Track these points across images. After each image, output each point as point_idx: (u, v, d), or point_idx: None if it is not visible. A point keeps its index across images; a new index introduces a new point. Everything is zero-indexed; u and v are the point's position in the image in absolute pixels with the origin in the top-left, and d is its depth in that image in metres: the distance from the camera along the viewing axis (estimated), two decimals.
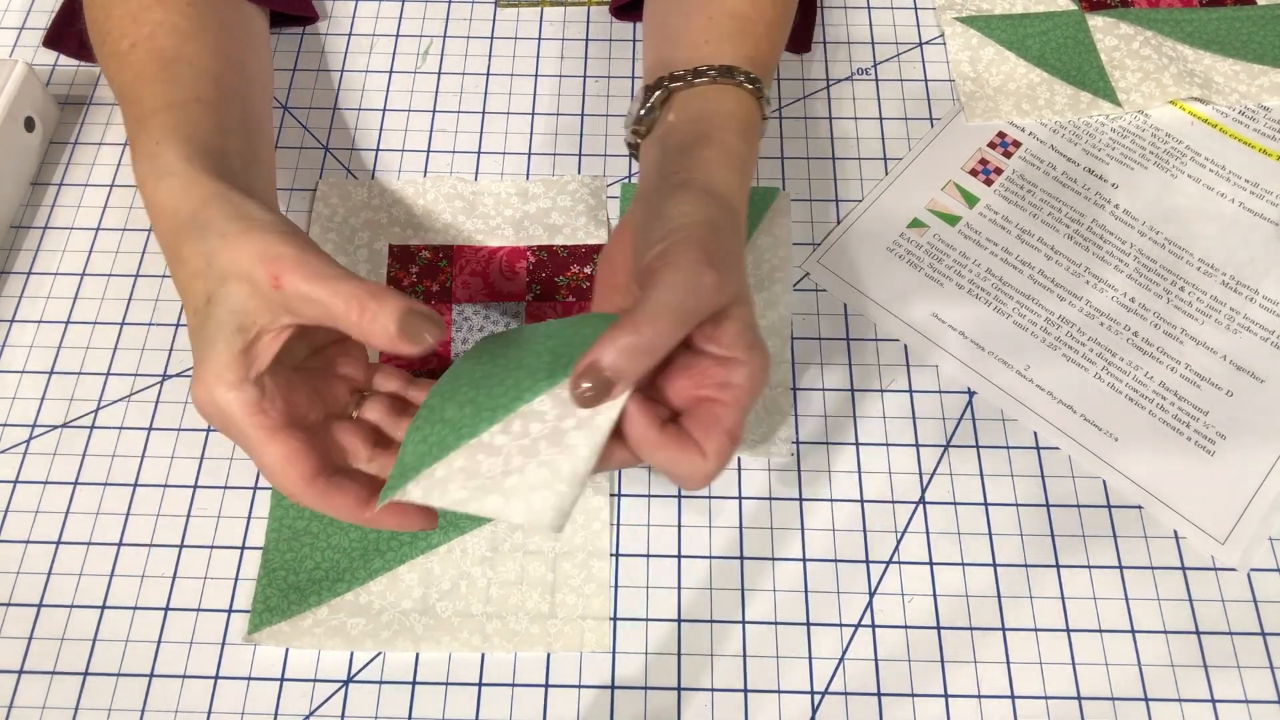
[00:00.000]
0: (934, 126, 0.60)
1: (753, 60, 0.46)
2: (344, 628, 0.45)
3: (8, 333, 0.53)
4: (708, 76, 0.44)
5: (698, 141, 0.43)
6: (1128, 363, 0.52)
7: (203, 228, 0.39)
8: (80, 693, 0.44)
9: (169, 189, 0.41)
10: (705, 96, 0.45)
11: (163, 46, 0.46)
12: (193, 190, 0.41)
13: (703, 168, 0.42)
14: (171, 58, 0.45)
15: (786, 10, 0.51)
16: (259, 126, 0.48)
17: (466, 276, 0.54)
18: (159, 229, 0.41)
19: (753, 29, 0.48)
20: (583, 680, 0.45)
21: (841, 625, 0.46)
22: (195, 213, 0.40)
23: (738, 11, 0.48)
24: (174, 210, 0.40)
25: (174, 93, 0.44)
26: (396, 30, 0.64)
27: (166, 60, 0.45)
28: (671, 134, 0.44)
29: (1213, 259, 0.55)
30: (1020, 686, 0.44)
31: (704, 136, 0.43)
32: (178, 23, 0.47)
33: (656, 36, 0.51)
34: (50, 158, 0.59)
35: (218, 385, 0.38)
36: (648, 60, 0.51)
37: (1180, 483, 0.49)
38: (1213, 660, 0.45)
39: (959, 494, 0.49)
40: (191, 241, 0.39)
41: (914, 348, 0.53)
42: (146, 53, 0.45)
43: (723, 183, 0.41)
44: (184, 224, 0.40)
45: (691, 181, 0.40)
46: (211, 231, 0.39)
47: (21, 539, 0.48)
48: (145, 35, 0.46)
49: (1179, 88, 0.59)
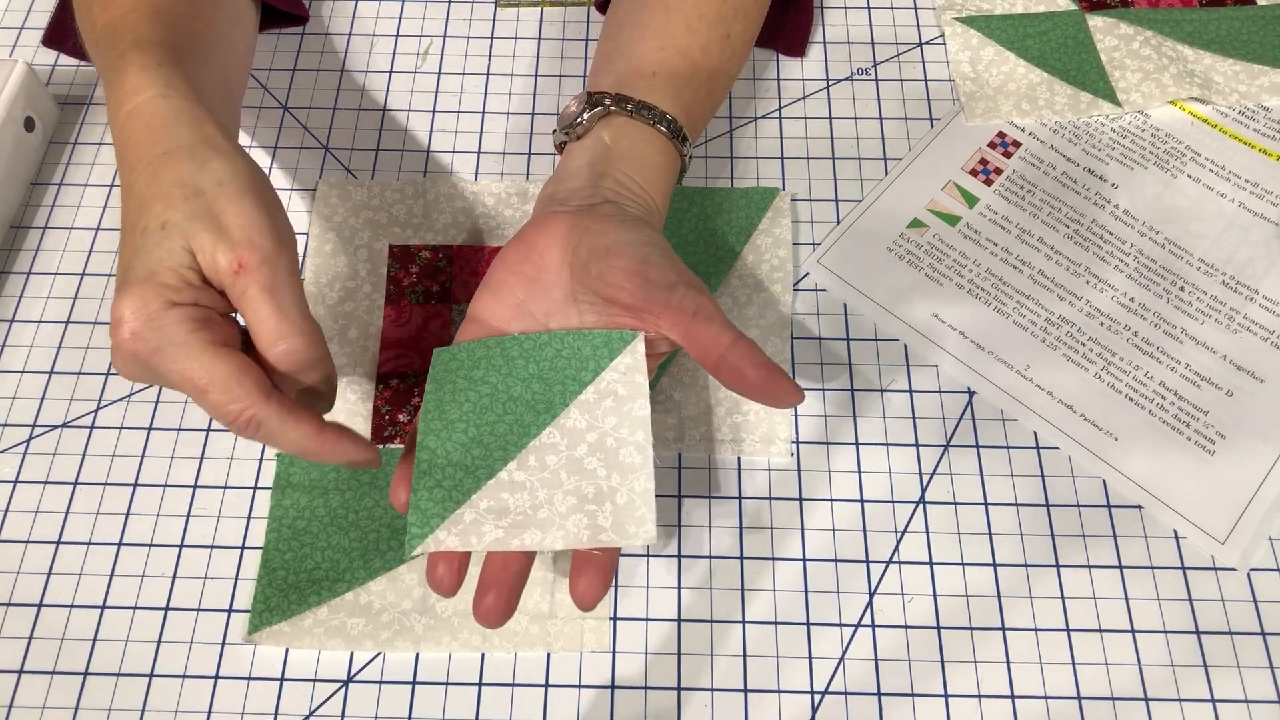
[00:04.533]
0: (934, 126, 0.60)
1: (689, 111, 0.48)
2: (344, 628, 0.45)
3: (8, 333, 0.53)
4: (645, 117, 0.46)
5: (639, 178, 0.46)
6: (1128, 363, 0.52)
7: (201, 163, 0.38)
8: (80, 693, 0.44)
9: (169, 106, 0.39)
10: (641, 135, 0.47)
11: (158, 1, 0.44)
12: (200, 123, 0.39)
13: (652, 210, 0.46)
14: (165, 8, 0.44)
15: (734, 58, 0.52)
16: (235, 111, 0.48)
17: (466, 276, 0.54)
18: (133, 138, 0.39)
19: (696, 76, 0.49)
20: (583, 680, 0.45)
21: (841, 625, 0.46)
22: (194, 145, 0.38)
23: (688, 53, 0.49)
24: (166, 127, 0.39)
25: (172, 36, 0.43)
26: (396, 30, 0.64)
27: (158, 7, 0.44)
28: (608, 157, 0.46)
29: (1213, 259, 0.55)
30: (1020, 686, 0.44)
31: (642, 175, 0.46)
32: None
33: (611, 42, 0.52)
34: (50, 158, 0.59)
35: (157, 302, 0.36)
36: (597, 60, 0.52)
37: (1180, 482, 0.49)
38: (1213, 660, 0.45)
39: (959, 494, 0.49)
40: (179, 165, 0.38)
41: (914, 348, 0.53)
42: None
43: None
44: (177, 147, 0.38)
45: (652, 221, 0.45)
46: (210, 172, 0.38)
47: (21, 539, 0.48)
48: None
49: (1179, 88, 0.59)
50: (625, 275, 0.40)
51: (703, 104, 0.50)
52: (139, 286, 0.36)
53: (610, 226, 0.42)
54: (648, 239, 0.42)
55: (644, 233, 0.42)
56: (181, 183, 0.37)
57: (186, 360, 0.36)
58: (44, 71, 0.62)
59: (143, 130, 0.39)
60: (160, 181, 0.37)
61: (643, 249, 0.41)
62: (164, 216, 0.37)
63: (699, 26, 0.50)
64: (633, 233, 0.42)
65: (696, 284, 0.41)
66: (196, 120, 0.39)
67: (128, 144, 0.39)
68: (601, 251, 0.41)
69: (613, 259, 0.41)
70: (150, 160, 0.38)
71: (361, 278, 0.54)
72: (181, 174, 0.37)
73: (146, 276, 0.36)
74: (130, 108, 0.39)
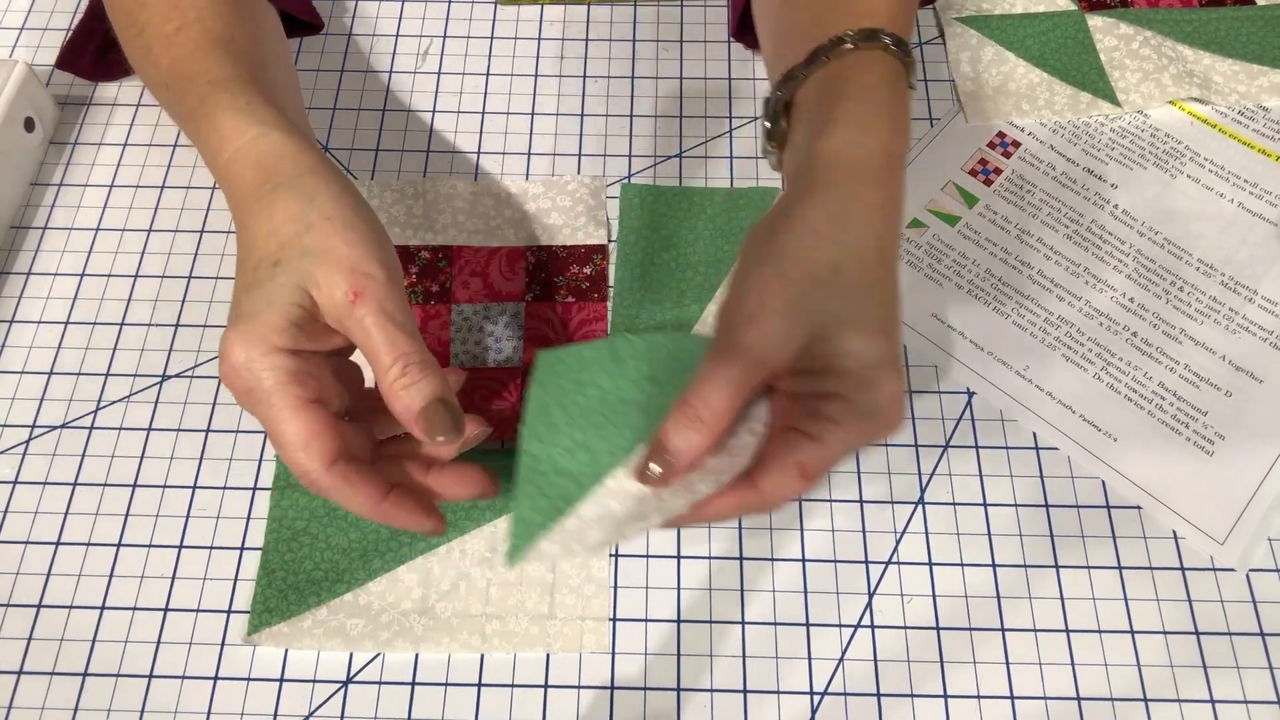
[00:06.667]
0: (934, 127, 0.60)
1: (875, 14, 0.41)
2: (343, 628, 0.45)
3: (8, 333, 0.53)
4: (824, 57, 0.40)
5: (824, 117, 0.39)
6: (1127, 363, 0.52)
7: (309, 197, 0.39)
8: (80, 693, 0.44)
9: (270, 145, 0.40)
10: (830, 75, 0.40)
11: (212, 29, 0.45)
12: (303, 154, 0.40)
13: (825, 157, 0.38)
14: (227, 39, 0.44)
15: None
16: (307, 121, 0.49)
17: (466, 276, 0.54)
18: (240, 179, 0.40)
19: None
20: (582, 681, 0.45)
21: (841, 626, 0.46)
22: (299, 176, 0.39)
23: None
24: (275, 163, 0.40)
25: (244, 69, 0.44)
26: (396, 30, 0.64)
27: (224, 39, 0.44)
28: (795, 131, 0.41)
29: (1212, 259, 0.55)
30: (1019, 687, 0.44)
31: (830, 107, 0.39)
32: (221, 10, 0.46)
33: (770, 43, 0.48)
34: (50, 158, 0.59)
35: (258, 345, 0.36)
36: (769, 73, 0.48)
37: (1179, 483, 0.49)
38: (1212, 660, 0.45)
39: (958, 494, 0.49)
40: (291, 200, 0.38)
41: (914, 348, 0.53)
42: (198, 33, 0.44)
43: (851, 162, 0.37)
44: (287, 181, 0.39)
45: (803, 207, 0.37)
46: (318, 206, 0.38)
47: (21, 539, 0.48)
48: (192, 19, 0.45)
49: (1178, 88, 0.59)
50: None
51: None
52: (245, 324, 0.37)
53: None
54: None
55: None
56: (292, 218, 0.38)
57: (268, 410, 0.37)
58: (44, 71, 0.61)
59: (251, 170, 0.40)
60: (273, 218, 0.38)
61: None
62: (277, 254, 0.38)
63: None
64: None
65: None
66: (298, 152, 0.40)
67: (235, 185, 0.40)
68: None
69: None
70: (260, 198, 0.39)
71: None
72: (291, 210, 0.38)
73: (253, 314, 0.37)
74: (231, 152, 0.40)
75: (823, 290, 0.35)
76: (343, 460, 0.37)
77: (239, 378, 0.37)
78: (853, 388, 0.35)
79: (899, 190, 0.38)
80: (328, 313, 0.38)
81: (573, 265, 0.54)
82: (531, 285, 0.54)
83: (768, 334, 0.35)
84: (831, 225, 0.36)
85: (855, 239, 0.36)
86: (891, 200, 0.37)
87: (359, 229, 0.39)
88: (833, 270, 0.35)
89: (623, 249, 0.55)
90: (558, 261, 0.55)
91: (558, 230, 0.56)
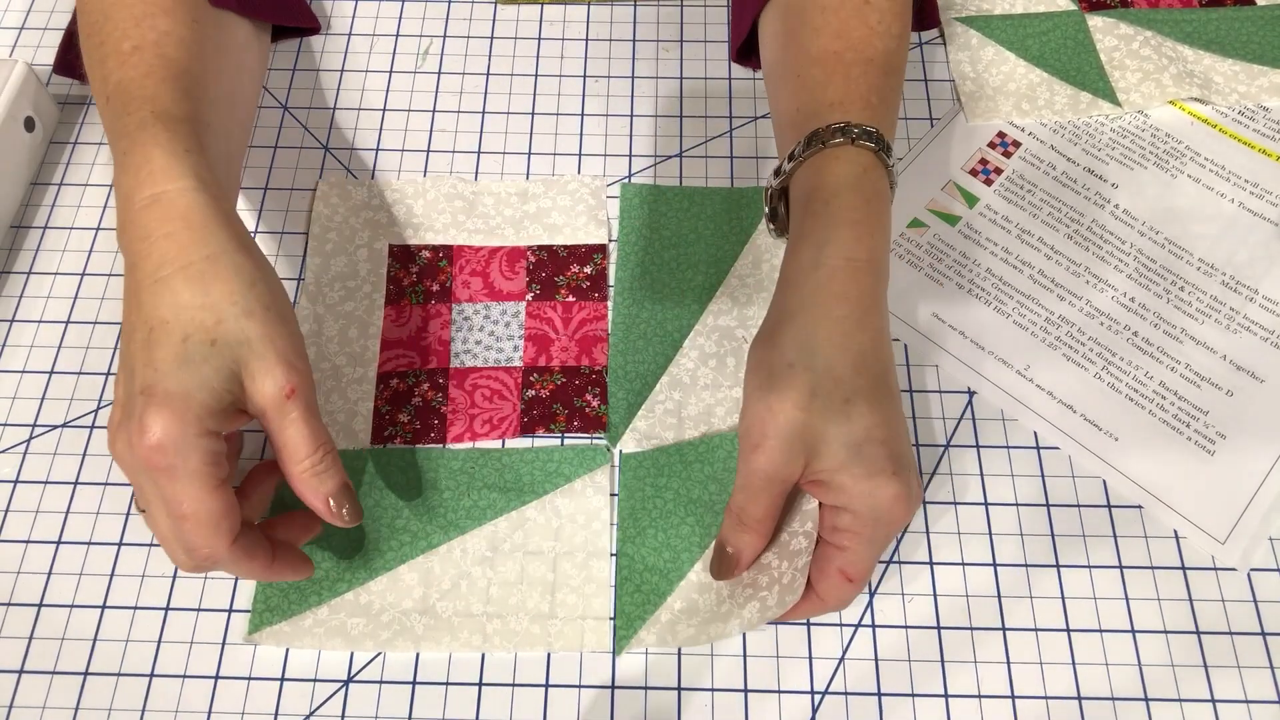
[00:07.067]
0: (934, 126, 0.60)
1: (848, 102, 0.45)
2: (344, 627, 0.45)
3: (8, 333, 0.53)
4: (801, 153, 0.44)
5: (795, 230, 0.43)
6: (1128, 363, 0.52)
7: (249, 281, 0.39)
8: (80, 693, 0.44)
9: (205, 204, 0.40)
10: (808, 172, 0.44)
11: (172, 57, 0.45)
12: (233, 224, 0.41)
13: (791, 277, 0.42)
14: (181, 71, 0.44)
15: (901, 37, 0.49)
16: (237, 163, 0.49)
17: (466, 276, 0.54)
18: (164, 227, 0.39)
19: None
20: (583, 680, 0.45)
21: (841, 625, 0.46)
22: (236, 254, 0.39)
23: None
24: (206, 228, 0.39)
25: (192, 107, 0.44)
26: (396, 30, 0.64)
27: (177, 71, 0.44)
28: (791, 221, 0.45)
29: (1213, 259, 0.55)
30: (1020, 686, 0.44)
31: (801, 217, 0.43)
32: (184, 36, 0.46)
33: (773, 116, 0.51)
34: (50, 158, 0.59)
35: (192, 425, 0.37)
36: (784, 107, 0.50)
37: (1180, 482, 0.49)
38: (1213, 660, 0.45)
39: (959, 494, 0.49)
40: (230, 279, 0.39)
41: (914, 348, 0.53)
42: (155, 58, 0.44)
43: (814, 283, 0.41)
44: (220, 253, 0.39)
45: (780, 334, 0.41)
46: (257, 293, 0.39)
47: (22, 538, 0.48)
48: (151, 41, 0.45)
49: (1179, 88, 0.59)
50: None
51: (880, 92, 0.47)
52: (178, 403, 0.37)
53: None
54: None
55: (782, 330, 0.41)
56: (231, 299, 0.38)
57: (188, 488, 0.37)
58: (44, 71, 0.61)
59: (176, 222, 0.39)
60: (210, 292, 0.38)
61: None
62: (214, 332, 0.38)
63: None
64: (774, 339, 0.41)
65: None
66: (228, 221, 0.41)
67: (150, 228, 0.39)
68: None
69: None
70: (192, 262, 0.39)
71: (361, 278, 0.54)
72: (231, 289, 0.39)
73: (185, 395, 0.37)
74: (155, 191, 0.40)
75: (807, 415, 0.39)
76: (243, 535, 0.39)
77: (162, 456, 0.37)
78: (853, 501, 0.39)
79: (869, 294, 0.41)
80: (254, 402, 0.39)
81: (573, 264, 0.54)
82: (532, 284, 0.54)
83: (774, 460, 0.39)
84: (803, 353, 0.40)
85: (824, 362, 0.39)
86: (858, 311, 0.40)
87: (290, 322, 0.41)
88: (811, 395, 0.39)
89: (623, 248, 0.55)
90: (558, 261, 0.55)
91: (558, 229, 0.56)
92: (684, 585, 0.45)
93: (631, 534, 0.47)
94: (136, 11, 0.45)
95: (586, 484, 0.48)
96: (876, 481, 0.38)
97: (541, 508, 0.48)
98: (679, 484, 0.47)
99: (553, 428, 0.50)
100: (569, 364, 0.52)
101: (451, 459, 0.49)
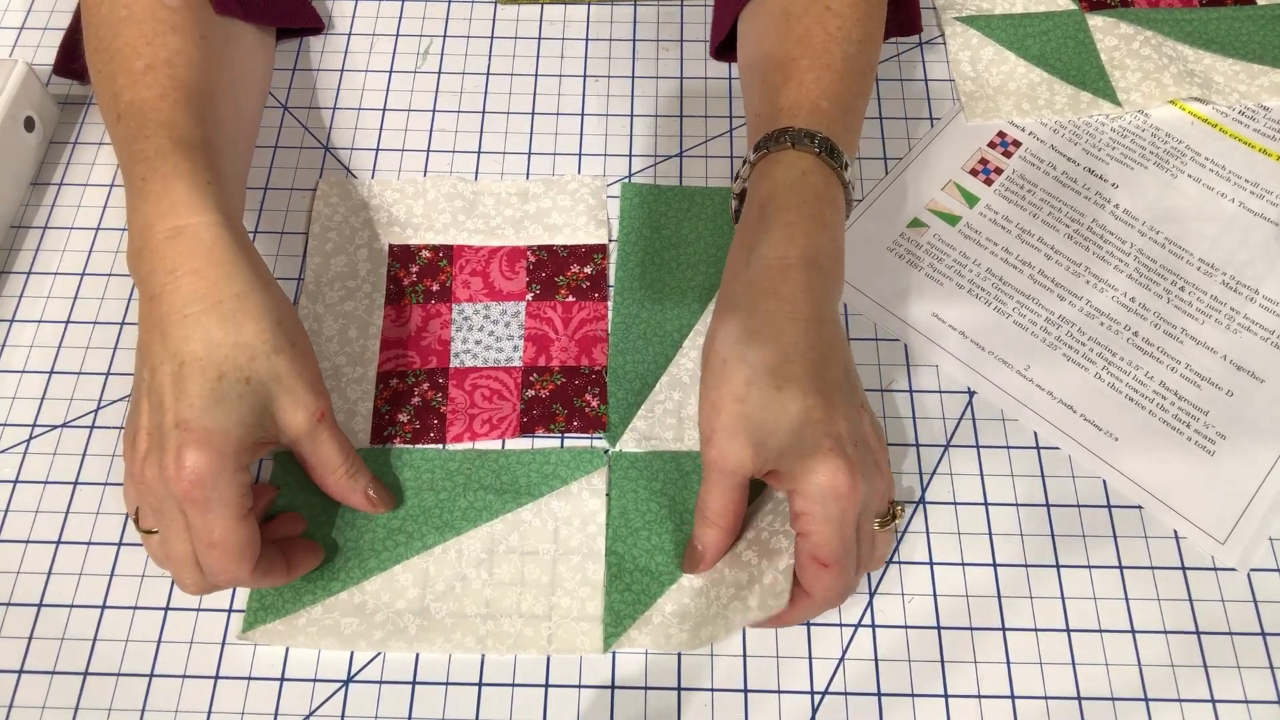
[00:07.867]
0: (934, 126, 0.60)
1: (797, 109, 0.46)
2: (338, 627, 0.45)
3: (8, 333, 0.53)
4: (752, 157, 0.46)
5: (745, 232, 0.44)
6: (1128, 363, 0.52)
7: (277, 319, 0.41)
8: (80, 693, 0.44)
9: (230, 241, 0.41)
10: (756, 175, 0.46)
11: (183, 78, 0.45)
12: (254, 259, 0.42)
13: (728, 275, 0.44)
14: (194, 92, 0.45)
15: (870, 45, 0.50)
16: (244, 181, 0.51)
17: (466, 276, 0.54)
18: (190, 261, 0.40)
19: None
20: (583, 680, 0.45)
21: (841, 625, 0.46)
22: (262, 292, 0.41)
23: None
24: (235, 263, 0.41)
25: (207, 133, 0.44)
26: (396, 30, 0.64)
27: (190, 93, 0.45)
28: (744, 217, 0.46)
29: (1213, 259, 0.55)
30: (1020, 686, 0.44)
31: (746, 217, 0.45)
32: (194, 55, 0.46)
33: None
34: (50, 158, 0.59)
35: (230, 461, 0.39)
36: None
37: (1180, 482, 0.48)
38: (1213, 660, 0.45)
39: (959, 494, 0.49)
40: (261, 317, 0.41)
41: (914, 348, 0.53)
42: (168, 79, 0.45)
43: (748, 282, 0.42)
44: (247, 292, 0.41)
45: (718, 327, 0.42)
46: (285, 329, 0.41)
47: (22, 538, 0.48)
48: (163, 60, 0.45)
49: (1179, 88, 0.59)
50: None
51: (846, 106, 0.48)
52: (217, 440, 0.39)
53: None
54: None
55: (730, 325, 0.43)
56: (263, 336, 0.40)
57: (219, 519, 0.39)
58: (44, 71, 0.61)
59: (203, 257, 0.40)
60: (243, 330, 0.40)
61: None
62: (248, 370, 0.40)
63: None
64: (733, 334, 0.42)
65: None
66: (250, 254, 0.42)
67: (177, 263, 0.40)
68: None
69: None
70: (222, 300, 0.40)
71: (361, 277, 0.54)
72: (262, 326, 0.40)
73: (224, 432, 0.39)
74: (178, 224, 0.41)
75: (744, 406, 0.40)
76: (262, 560, 0.41)
77: (200, 489, 0.39)
78: (798, 482, 0.39)
79: (801, 289, 0.42)
80: (287, 433, 0.42)
81: (573, 264, 0.54)
82: (532, 284, 0.54)
83: (722, 452, 0.41)
84: (736, 347, 0.41)
85: (755, 354, 0.40)
86: (788, 305, 0.41)
87: (310, 351, 0.43)
88: (746, 386, 0.40)
89: (623, 248, 0.55)
90: (558, 261, 0.55)
91: (558, 230, 0.56)
92: (675, 589, 0.45)
93: (623, 534, 0.47)
94: (146, 29, 0.46)
95: (583, 487, 0.48)
96: (814, 459, 0.39)
97: (538, 510, 0.48)
98: (675, 491, 0.48)
99: (552, 428, 0.50)
100: (569, 364, 0.52)
101: (448, 460, 0.49)
